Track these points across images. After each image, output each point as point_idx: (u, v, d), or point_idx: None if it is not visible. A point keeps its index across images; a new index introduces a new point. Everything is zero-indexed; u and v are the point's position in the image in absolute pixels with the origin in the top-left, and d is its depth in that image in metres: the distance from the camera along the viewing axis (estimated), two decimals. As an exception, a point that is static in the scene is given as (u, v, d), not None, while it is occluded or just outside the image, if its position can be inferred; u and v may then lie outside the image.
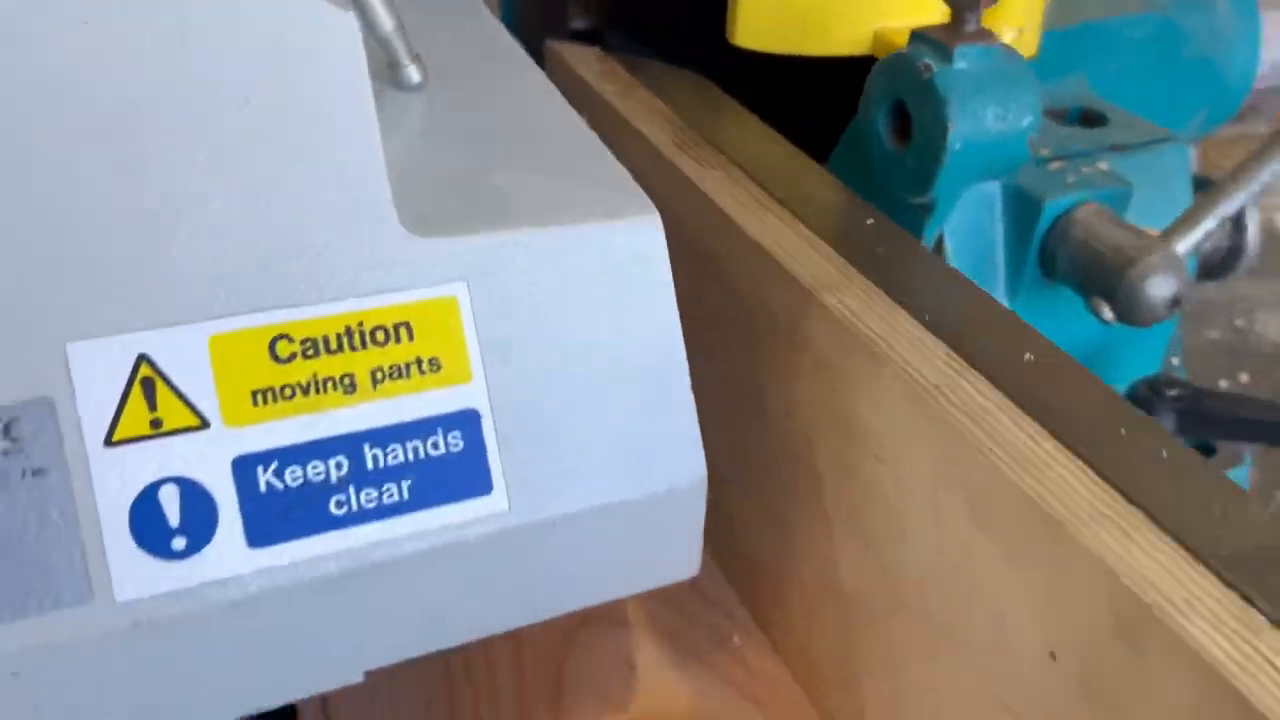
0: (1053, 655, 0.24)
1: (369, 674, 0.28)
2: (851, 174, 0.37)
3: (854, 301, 0.30)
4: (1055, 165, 0.43)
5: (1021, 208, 0.41)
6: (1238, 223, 0.49)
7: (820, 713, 0.35)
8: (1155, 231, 0.41)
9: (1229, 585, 0.21)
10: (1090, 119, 0.48)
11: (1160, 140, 0.47)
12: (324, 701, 0.36)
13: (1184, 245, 0.40)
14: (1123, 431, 0.25)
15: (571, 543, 0.29)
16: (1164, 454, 0.25)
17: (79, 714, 0.25)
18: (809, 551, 0.33)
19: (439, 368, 0.27)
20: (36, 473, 0.24)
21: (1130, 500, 0.23)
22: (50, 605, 0.24)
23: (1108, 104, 0.49)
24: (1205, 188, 0.43)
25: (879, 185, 0.36)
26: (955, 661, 0.27)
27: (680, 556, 0.31)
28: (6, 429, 0.24)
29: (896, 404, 0.28)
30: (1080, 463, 0.24)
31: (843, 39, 0.42)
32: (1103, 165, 0.44)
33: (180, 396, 0.25)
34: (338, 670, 0.28)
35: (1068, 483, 0.24)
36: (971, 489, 0.26)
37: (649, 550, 0.30)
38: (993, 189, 0.41)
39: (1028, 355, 0.28)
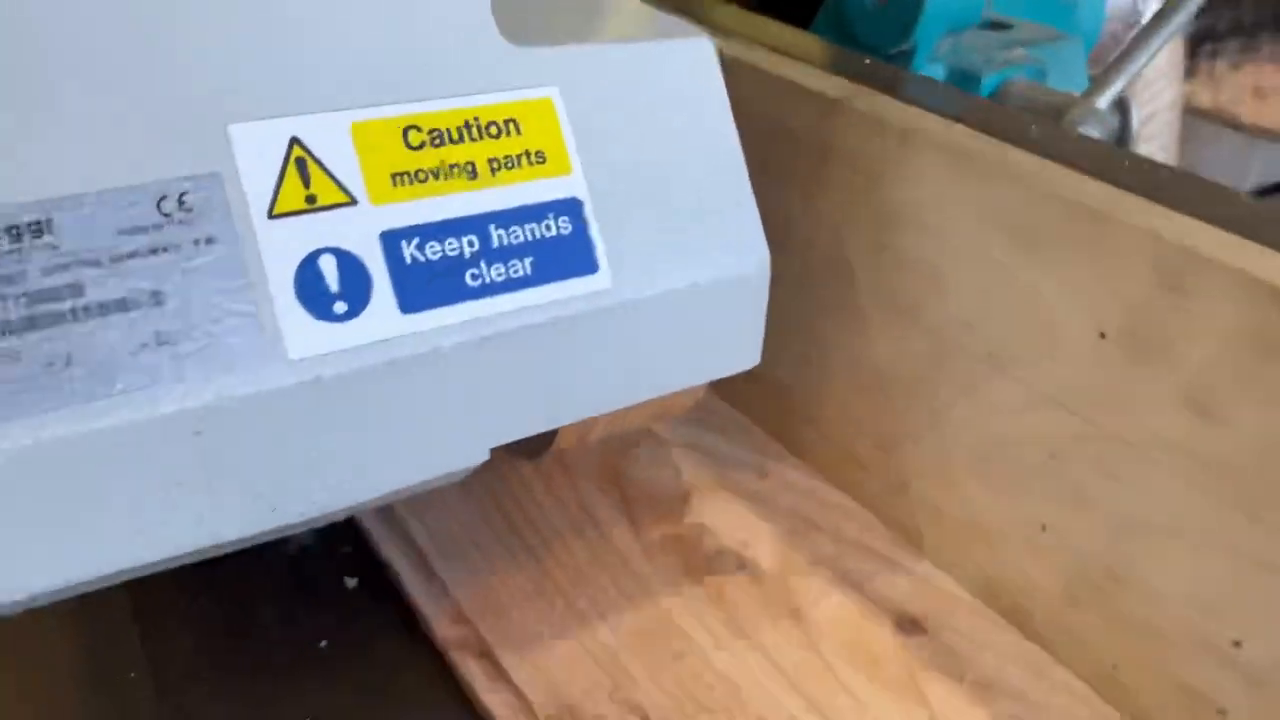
0: (1102, 335, 0.29)
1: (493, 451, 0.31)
2: (832, 39, 0.42)
3: (873, 103, 0.34)
4: (982, 54, 0.50)
5: (963, 84, 0.48)
6: (1123, 113, 0.56)
7: (863, 502, 0.39)
8: (1076, 94, 0.48)
9: (1239, 234, 0.27)
10: (999, 25, 0.55)
11: (1059, 37, 0.54)
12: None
13: (1103, 100, 0.47)
14: (1126, 162, 0.31)
15: (661, 323, 0.32)
16: (1164, 174, 0.30)
17: (252, 472, 0.27)
18: (843, 351, 0.38)
19: (544, 160, 0.30)
20: (208, 241, 0.26)
21: (1150, 198, 0.29)
22: (230, 366, 0.26)
23: (1009, 16, 0.56)
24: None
25: (860, 44, 0.41)
26: (1004, 386, 0.32)
27: (745, 345, 0.35)
28: (180, 200, 0.26)
29: (934, 171, 0.32)
30: (1103, 181, 0.30)
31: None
32: (1019, 52, 0.51)
33: (330, 176, 0.28)
34: (468, 447, 0.30)
35: (1097, 192, 0.29)
36: (1016, 221, 0.30)
37: (721, 337, 0.34)
38: (936, 72, 0.48)
39: (1033, 127, 0.33)
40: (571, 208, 0.31)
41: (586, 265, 0.31)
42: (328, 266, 0.27)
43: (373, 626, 0.35)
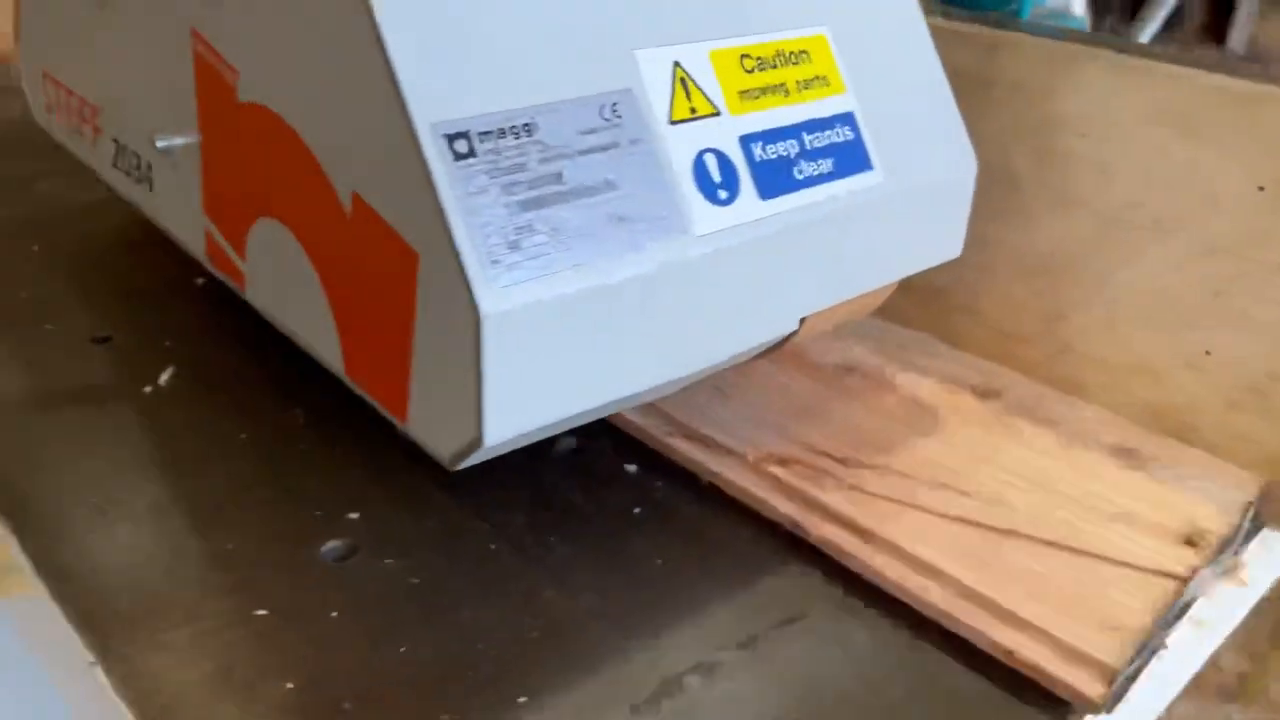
0: (1261, 188, 0.39)
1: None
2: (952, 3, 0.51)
3: (1037, 40, 0.44)
4: (1023, 22, 0.60)
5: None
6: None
7: (1024, 369, 0.47)
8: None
9: (1364, 102, 0.37)
10: (1015, 3, 0.66)
11: (1062, 14, 0.65)
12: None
13: (1144, 36, 0.57)
14: (1249, 66, 0.41)
15: (911, 215, 0.40)
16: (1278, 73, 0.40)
17: (675, 327, 0.33)
18: (1007, 247, 0.46)
19: (827, 83, 0.38)
20: (635, 141, 0.33)
21: (1282, 85, 0.39)
22: (659, 240, 0.32)
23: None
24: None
25: (971, 6, 0.50)
26: (1171, 246, 0.41)
27: (955, 237, 0.43)
28: (613, 108, 0.32)
29: (1101, 84, 0.42)
30: (1259, 81, 0.39)
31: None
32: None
33: (702, 92, 0.35)
34: (787, 316, 0.37)
35: (1246, 83, 0.39)
36: (1177, 114, 0.40)
37: (941, 229, 0.42)
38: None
39: (1165, 48, 0.43)
40: (849, 119, 0.38)
41: (865, 164, 0.38)
42: (711, 163, 0.34)
43: (668, 497, 0.42)
